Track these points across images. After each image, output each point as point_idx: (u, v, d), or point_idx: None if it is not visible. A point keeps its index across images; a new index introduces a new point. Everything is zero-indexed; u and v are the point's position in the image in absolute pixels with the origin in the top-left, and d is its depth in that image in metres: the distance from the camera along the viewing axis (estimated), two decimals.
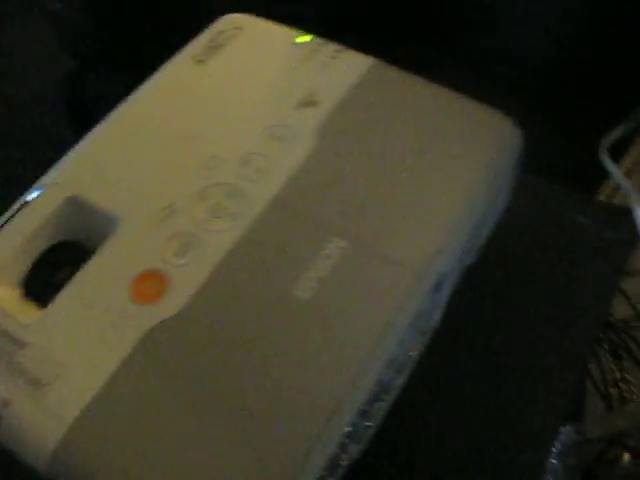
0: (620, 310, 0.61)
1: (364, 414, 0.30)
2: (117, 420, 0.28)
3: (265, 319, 0.30)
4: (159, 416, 0.28)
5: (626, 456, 0.58)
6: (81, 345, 0.30)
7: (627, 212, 0.46)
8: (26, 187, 0.35)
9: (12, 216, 0.34)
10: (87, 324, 0.31)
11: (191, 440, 0.27)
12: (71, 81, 0.59)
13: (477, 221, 0.34)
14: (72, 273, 0.32)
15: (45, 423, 0.29)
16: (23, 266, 0.34)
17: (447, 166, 0.34)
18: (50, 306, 0.31)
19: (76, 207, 0.34)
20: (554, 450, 0.52)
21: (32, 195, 0.35)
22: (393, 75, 0.37)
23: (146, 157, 0.35)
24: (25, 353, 0.30)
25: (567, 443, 0.52)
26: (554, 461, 0.53)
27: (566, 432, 0.52)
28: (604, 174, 0.51)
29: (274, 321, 0.30)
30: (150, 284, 0.31)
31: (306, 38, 0.39)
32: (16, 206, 0.35)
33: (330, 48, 0.38)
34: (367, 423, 0.31)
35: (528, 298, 0.43)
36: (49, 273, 0.33)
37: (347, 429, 0.29)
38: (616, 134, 0.53)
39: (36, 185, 0.35)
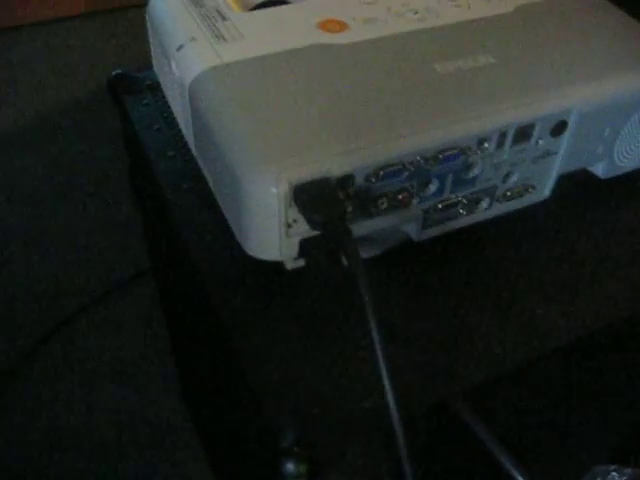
0: None
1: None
2: (266, 81, 0.35)
3: (406, 74, 0.36)
4: (296, 92, 0.35)
5: None
6: (265, 31, 0.38)
7: None
8: None
9: None
10: (278, 25, 0.39)
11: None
12: None
13: (608, 109, 0.37)
14: None
15: (211, 55, 0.37)
16: None
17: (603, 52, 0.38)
18: (257, 11, 0.40)
19: None
20: None
21: None
22: None
23: None
24: (225, 23, 0.39)
25: None
26: None
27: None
28: None
29: (411, 76, 0.36)
30: (335, 24, 0.39)
31: None
32: None
33: None
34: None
35: None
36: None
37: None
38: None
39: None
